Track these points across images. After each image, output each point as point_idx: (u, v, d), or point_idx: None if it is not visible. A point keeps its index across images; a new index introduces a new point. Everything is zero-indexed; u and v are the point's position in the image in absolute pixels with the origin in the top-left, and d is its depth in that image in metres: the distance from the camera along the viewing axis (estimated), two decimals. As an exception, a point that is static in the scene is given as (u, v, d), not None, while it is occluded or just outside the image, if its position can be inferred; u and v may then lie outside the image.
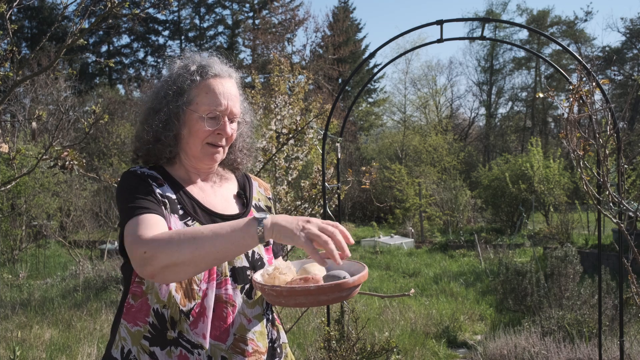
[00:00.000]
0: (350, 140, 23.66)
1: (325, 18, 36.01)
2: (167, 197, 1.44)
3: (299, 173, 4.86)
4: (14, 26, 2.73)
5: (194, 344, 1.39)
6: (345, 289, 1.25)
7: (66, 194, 10.99)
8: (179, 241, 1.21)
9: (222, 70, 1.51)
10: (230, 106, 1.49)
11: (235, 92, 1.53)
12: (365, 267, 1.36)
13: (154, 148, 1.50)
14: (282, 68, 5.26)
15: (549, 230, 11.88)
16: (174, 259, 1.20)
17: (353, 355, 3.52)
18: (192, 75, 1.48)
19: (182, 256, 1.20)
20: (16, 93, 13.93)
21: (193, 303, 1.40)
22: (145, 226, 1.29)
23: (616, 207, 2.79)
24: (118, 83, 31.26)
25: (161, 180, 1.47)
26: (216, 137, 1.49)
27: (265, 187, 1.72)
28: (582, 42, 29.53)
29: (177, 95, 1.48)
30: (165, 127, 1.48)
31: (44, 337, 5.37)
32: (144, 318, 1.41)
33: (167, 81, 1.52)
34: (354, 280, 1.26)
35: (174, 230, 1.26)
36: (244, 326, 1.45)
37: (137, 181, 1.43)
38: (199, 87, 1.48)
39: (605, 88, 3.15)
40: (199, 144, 1.48)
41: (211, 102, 1.46)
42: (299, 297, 1.24)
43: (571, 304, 5.41)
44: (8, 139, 3.86)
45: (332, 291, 1.24)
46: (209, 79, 1.48)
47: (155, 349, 1.39)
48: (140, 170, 1.47)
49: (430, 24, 3.44)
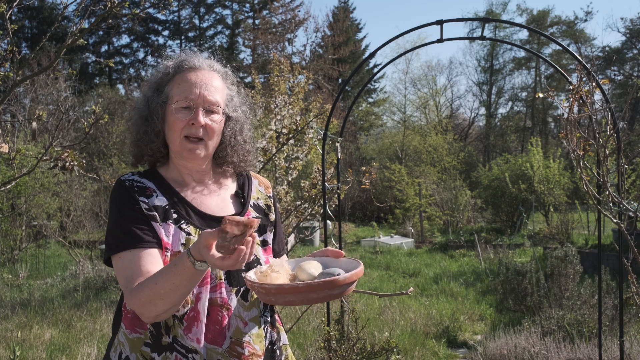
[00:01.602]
0: (350, 140, 23.65)
1: (325, 18, 36.04)
2: (157, 207, 1.42)
3: (299, 173, 4.86)
4: (14, 26, 2.73)
5: (189, 348, 1.38)
6: (336, 286, 1.22)
7: (66, 194, 10.98)
8: (151, 300, 1.29)
9: (200, 63, 1.50)
10: (204, 94, 1.45)
11: (216, 83, 1.50)
12: (361, 264, 1.33)
13: (138, 146, 1.50)
14: (282, 68, 5.26)
15: (549, 230, 11.88)
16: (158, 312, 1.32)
17: (353, 355, 3.52)
18: (168, 71, 1.49)
19: (162, 309, 1.31)
20: (16, 93, 13.93)
21: (186, 308, 1.39)
22: (129, 276, 1.35)
23: (616, 207, 2.79)
24: (118, 83, 31.27)
25: (151, 190, 1.46)
26: (191, 128, 1.45)
27: (266, 185, 1.68)
28: (582, 42, 29.52)
29: (155, 93, 1.49)
30: (145, 124, 1.49)
31: (44, 337, 5.37)
32: (144, 325, 1.41)
33: (150, 82, 1.53)
34: (345, 277, 1.22)
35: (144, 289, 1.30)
36: (240, 329, 1.43)
37: (123, 197, 1.43)
38: (173, 81, 1.48)
39: (605, 88, 3.15)
40: (177, 137, 1.46)
41: (182, 92, 1.45)
42: (288, 295, 1.21)
43: (571, 304, 5.41)
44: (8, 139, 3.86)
45: (322, 289, 1.20)
46: (183, 72, 1.48)
47: (154, 355, 1.40)
48: (129, 182, 1.45)
49: (430, 24, 3.44)
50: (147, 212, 1.40)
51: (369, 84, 29.90)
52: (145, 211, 1.41)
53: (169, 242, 1.40)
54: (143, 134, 1.48)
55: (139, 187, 1.45)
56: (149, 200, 1.43)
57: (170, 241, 1.41)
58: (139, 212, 1.40)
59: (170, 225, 1.42)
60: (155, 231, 1.39)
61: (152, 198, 1.44)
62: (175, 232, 1.42)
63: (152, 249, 1.37)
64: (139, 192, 1.44)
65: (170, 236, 1.41)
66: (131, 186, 1.44)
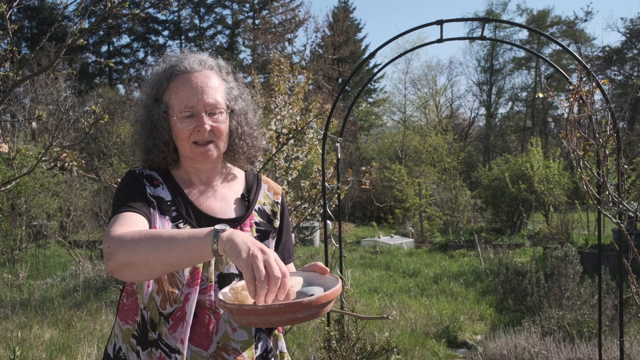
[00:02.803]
0: (350, 140, 23.64)
1: (325, 18, 36.04)
2: (159, 197, 1.44)
3: (299, 173, 4.86)
4: (14, 26, 2.73)
5: (172, 348, 1.37)
6: (300, 309, 1.11)
7: (66, 194, 10.98)
8: (138, 241, 1.19)
9: (191, 64, 1.46)
10: (203, 99, 1.43)
11: (213, 82, 1.46)
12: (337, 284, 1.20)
13: (149, 158, 1.50)
14: (282, 68, 5.26)
15: (549, 230, 11.88)
16: (130, 257, 1.19)
17: (353, 355, 3.52)
18: (161, 79, 1.46)
19: (138, 256, 1.18)
20: (16, 93, 13.93)
21: (174, 307, 1.38)
22: (120, 223, 1.29)
23: (616, 207, 2.79)
24: (118, 83, 31.26)
25: (158, 181, 1.48)
26: (198, 134, 1.43)
27: (276, 191, 1.64)
28: (582, 42, 29.52)
29: (154, 103, 1.47)
30: (152, 136, 1.48)
31: (44, 337, 5.37)
32: (134, 317, 1.42)
33: (147, 90, 1.51)
34: (310, 300, 1.11)
35: (140, 230, 1.24)
36: (228, 335, 1.41)
37: (131, 180, 1.45)
38: (169, 90, 1.45)
39: (605, 88, 3.15)
40: (186, 145, 1.45)
41: (182, 101, 1.43)
42: (249, 317, 1.13)
43: (571, 304, 5.41)
44: (8, 139, 3.86)
45: (283, 312, 1.10)
46: (176, 79, 1.45)
47: (139, 349, 1.40)
48: (140, 170, 1.49)
49: (430, 24, 3.44)
50: (150, 198, 1.43)
51: (369, 84, 29.90)
52: (148, 196, 1.43)
53: None
54: (153, 147, 1.48)
55: (147, 176, 1.48)
56: (155, 190, 1.46)
57: None
58: (143, 194, 1.42)
59: (166, 220, 1.42)
60: (151, 215, 1.40)
61: (157, 189, 1.46)
62: (170, 229, 1.42)
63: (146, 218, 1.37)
64: (147, 179, 1.47)
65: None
66: (140, 173, 1.48)
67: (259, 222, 1.55)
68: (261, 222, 1.56)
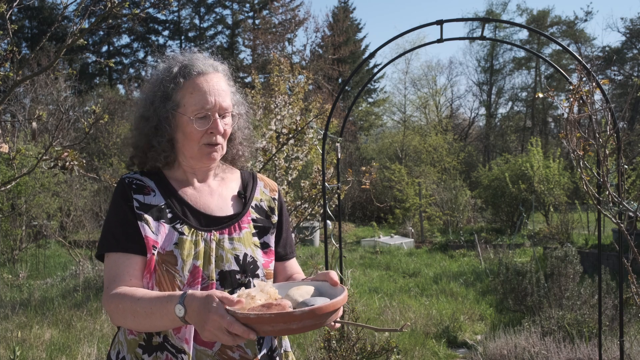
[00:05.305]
0: (350, 140, 23.64)
1: (325, 18, 36.05)
2: (152, 206, 1.44)
3: (299, 173, 4.86)
4: (14, 26, 2.73)
5: (178, 348, 1.38)
6: (293, 321, 1.10)
7: (66, 194, 10.98)
8: (122, 313, 1.34)
9: (205, 67, 1.48)
10: (218, 102, 1.45)
11: (223, 86, 1.49)
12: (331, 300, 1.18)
13: (148, 155, 1.49)
14: (282, 68, 5.26)
15: (549, 230, 11.88)
16: (122, 323, 1.38)
17: (353, 355, 3.52)
18: (176, 77, 1.46)
19: (127, 324, 1.37)
20: (16, 93, 13.93)
21: None
22: (114, 276, 1.39)
23: (616, 207, 2.79)
24: (118, 83, 31.25)
25: (150, 188, 1.47)
26: (210, 136, 1.46)
27: (272, 187, 1.66)
28: (582, 42, 29.52)
29: (163, 100, 1.46)
30: (157, 133, 1.47)
31: (44, 337, 5.37)
32: None
33: (153, 86, 1.50)
34: (302, 312, 1.10)
35: (125, 303, 1.33)
36: None
37: (119, 195, 1.46)
38: (184, 89, 1.45)
39: (605, 88, 3.15)
40: (195, 146, 1.46)
41: (198, 102, 1.44)
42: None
43: (571, 304, 5.41)
44: (8, 139, 3.86)
45: (275, 322, 1.10)
46: (192, 79, 1.45)
47: (145, 356, 1.41)
48: (129, 179, 1.48)
49: (430, 24, 3.44)
50: (137, 211, 1.42)
51: (369, 84, 29.89)
52: (135, 210, 1.42)
53: (158, 240, 1.41)
54: (157, 144, 1.47)
55: (138, 185, 1.47)
56: (145, 199, 1.45)
57: (160, 240, 1.41)
58: (130, 211, 1.42)
59: (163, 224, 1.42)
60: (140, 234, 1.40)
61: (148, 196, 1.45)
62: (168, 231, 1.42)
63: (135, 255, 1.40)
64: (136, 189, 1.46)
65: (162, 235, 1.41)
66: (129, 184, 1.47)
67: (256, 218, 1.56)
68: (259, 219, 1.57)
